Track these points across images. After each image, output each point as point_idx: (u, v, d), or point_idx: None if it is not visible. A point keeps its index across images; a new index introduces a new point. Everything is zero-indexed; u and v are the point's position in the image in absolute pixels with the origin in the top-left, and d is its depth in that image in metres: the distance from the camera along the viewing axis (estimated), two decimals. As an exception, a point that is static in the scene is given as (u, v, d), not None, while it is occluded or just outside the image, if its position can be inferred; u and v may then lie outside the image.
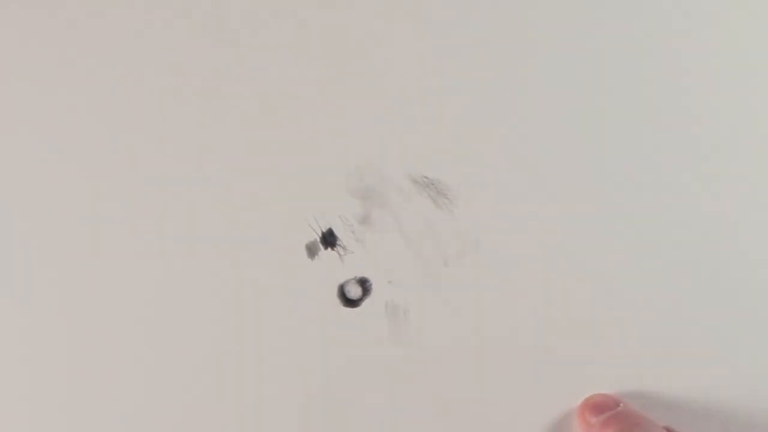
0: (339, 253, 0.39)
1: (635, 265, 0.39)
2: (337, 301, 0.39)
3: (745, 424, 0.37)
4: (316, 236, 0.40)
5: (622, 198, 0.40)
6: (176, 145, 0.41)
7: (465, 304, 0.38)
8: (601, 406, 0.36)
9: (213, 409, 0.37)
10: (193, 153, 0.41)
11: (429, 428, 0.37)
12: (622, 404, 0.36)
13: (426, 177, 0.40)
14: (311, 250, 0.39)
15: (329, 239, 0.39)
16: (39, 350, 0.38)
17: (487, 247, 0.39)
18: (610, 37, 0.39)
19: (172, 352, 0.37)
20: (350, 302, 0.39)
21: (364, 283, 0.39)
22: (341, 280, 0.39)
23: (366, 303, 0.38)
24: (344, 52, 0.42)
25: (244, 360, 0.37)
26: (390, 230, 0.40)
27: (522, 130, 0.39)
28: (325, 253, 0.39)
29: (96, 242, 0.39)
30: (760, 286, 0.39)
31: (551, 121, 0.39)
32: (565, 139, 0.39)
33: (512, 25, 0.39)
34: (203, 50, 0.42)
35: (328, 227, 0.40)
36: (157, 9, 0.41)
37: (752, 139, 0.39)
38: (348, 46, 0.42)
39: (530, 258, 0.39)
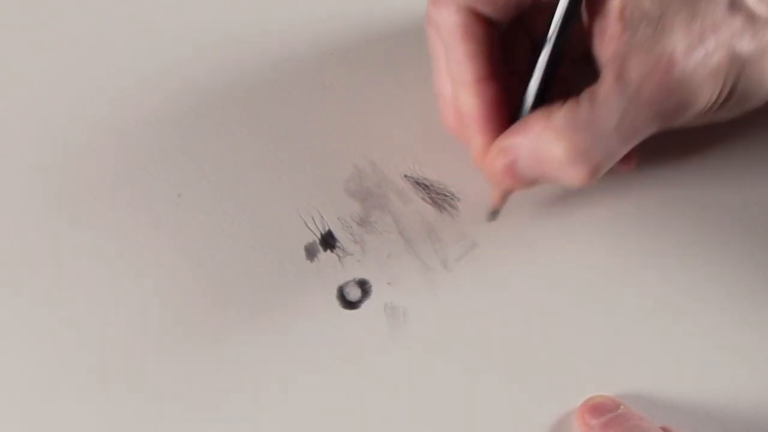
0: (338, 255, 0.39)
1: (635, 265, 0.39)
2: (336, 303, 0.38)
3: (745, 425, 0.37)
4: (315, 238, 0.39)
5: (622, 197, 0.40)
6: (174, 146, 0.41)
7: (464, 306, 0.38)
8: (600, 408, 0.36)
9: (211, 411, 0.37)
10: (191, 153, 0.41)
11: (428, 429, 0.37)
12: (622, 406, 0.36)
13: (426, 179, 0.41)
14: (310, 252, 0.39)
15: (328, 241, 0.39)
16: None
17: (486, 249, 0.39)
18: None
19: (169, 354, 0.37)
20: (349, 304, 0.38)
21: (363, 285, 0.39)
22: (340, 282, 0.39)
23: (365, 305, 0.38)
24: (341, 52, 0.43)
25: (242, 361, 0.37)
26: (389, 232, 0.40)
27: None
28: (324, 255, 0.39)
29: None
30: (760, 285, 0.39)
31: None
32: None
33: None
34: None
35: (327, 229, 0.40)
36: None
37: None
38: (342, 46, 0.42)
39: (529, 259, 0.39)
